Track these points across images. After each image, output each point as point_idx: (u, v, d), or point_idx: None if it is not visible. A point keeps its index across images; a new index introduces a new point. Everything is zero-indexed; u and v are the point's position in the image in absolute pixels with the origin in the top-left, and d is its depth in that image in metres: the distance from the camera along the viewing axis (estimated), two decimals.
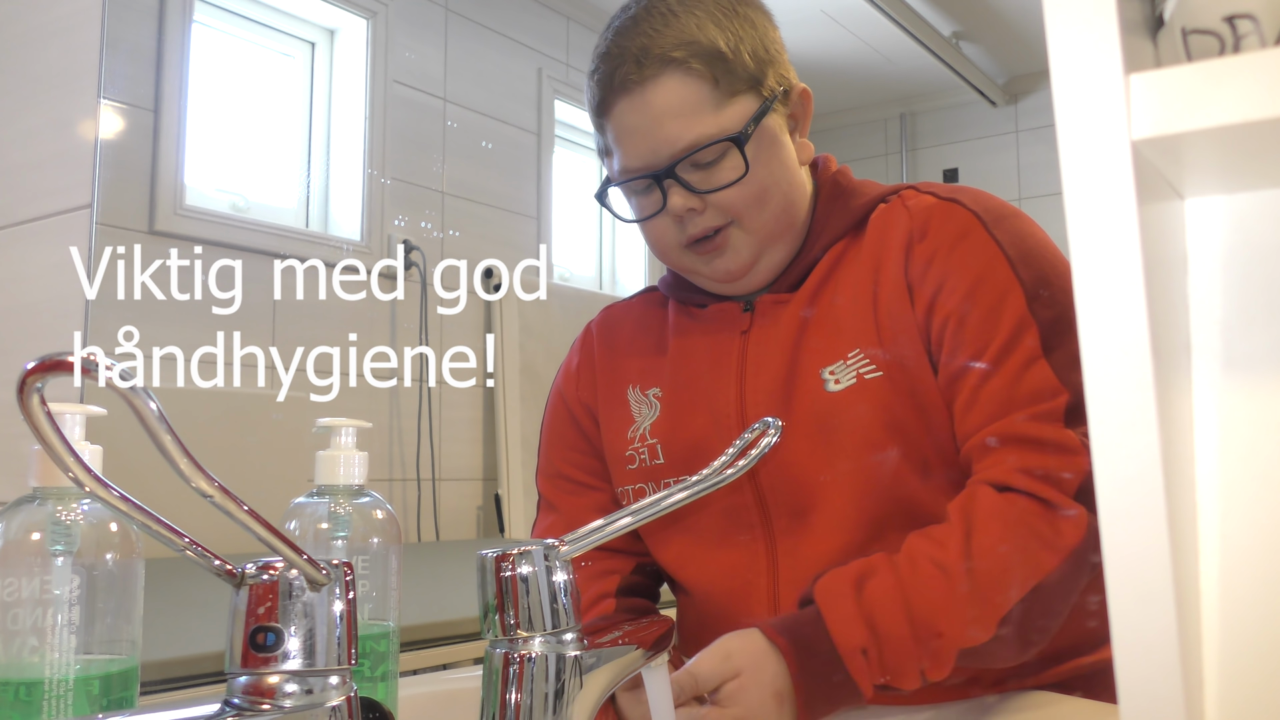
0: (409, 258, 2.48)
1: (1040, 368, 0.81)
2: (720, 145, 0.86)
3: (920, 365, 0.86)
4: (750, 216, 0.89)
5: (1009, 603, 0.76)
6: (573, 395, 1.03)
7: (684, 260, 0.93)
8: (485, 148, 2.73)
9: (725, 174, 0.87)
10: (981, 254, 0.85)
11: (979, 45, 3.39)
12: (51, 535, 0.61)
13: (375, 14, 2.48)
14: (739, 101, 0.88)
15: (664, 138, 0.87)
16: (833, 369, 0.87)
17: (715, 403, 0.92)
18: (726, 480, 0.69)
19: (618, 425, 0.98)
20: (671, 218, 0.89)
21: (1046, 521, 0.78)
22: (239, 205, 2.23)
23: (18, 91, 1.55)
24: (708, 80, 0.86)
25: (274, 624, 0.48)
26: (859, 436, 0.86)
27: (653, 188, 0.89)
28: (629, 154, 0.89)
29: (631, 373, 0.99)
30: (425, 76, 2.59)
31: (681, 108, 0.86)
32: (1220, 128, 0.41)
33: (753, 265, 0.91)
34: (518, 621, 0.61)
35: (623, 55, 0.87)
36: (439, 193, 2.60)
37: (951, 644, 0.76)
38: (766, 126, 0.89)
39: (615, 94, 0.88)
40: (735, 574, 0.92)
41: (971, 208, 0.88)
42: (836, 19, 3.11)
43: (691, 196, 0.88)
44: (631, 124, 0.88)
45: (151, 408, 0.42)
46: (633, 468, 0.96)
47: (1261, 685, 0.50)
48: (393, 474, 2.39)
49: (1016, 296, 0.83)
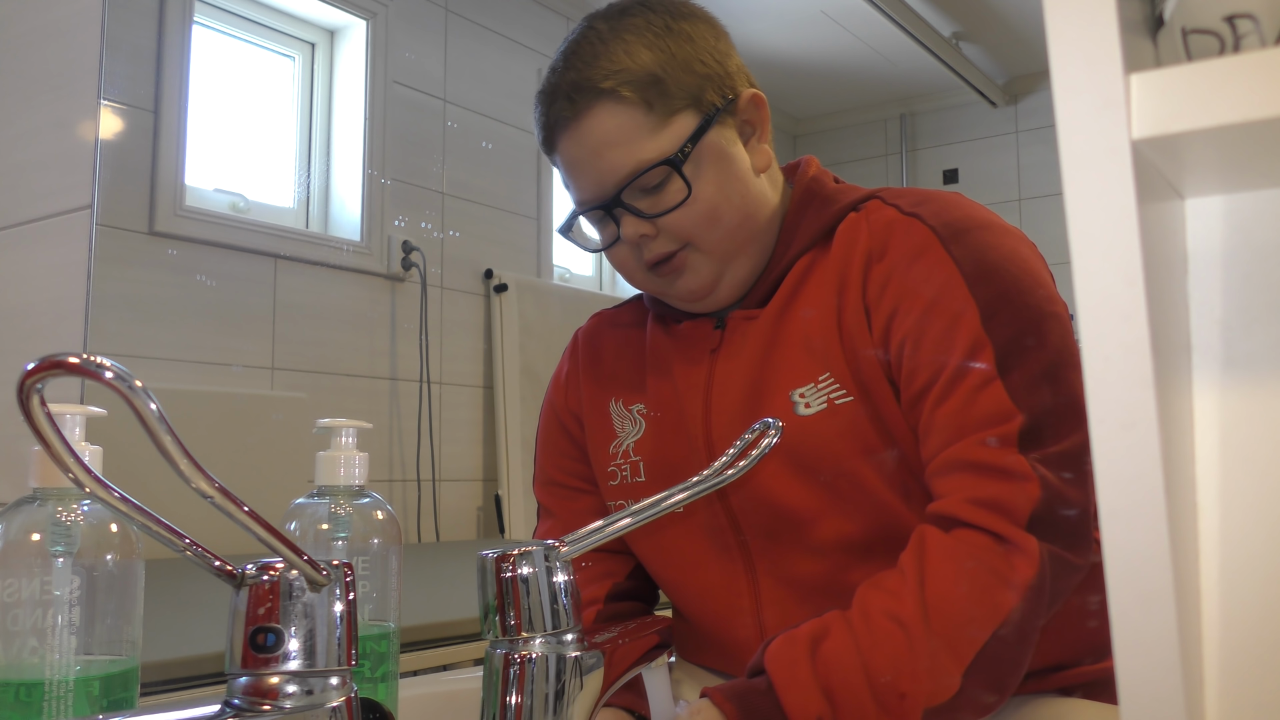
0: (409, 258, 2.47)
1: (994, 390, 0.78)
2: (660, 169, 0.85)
3: (882, 390, 0.83)
4: (702, 237, 0.88)
5: (972, 650, 0.73)
6: (561, 404, 1.03)
7: (650, 283, 0.92)
8: (485, 148, 2.73)
9: (671, 197, 0.86)
10: (936, 273, 0.82)
11: (979, 46, 3.39)
12: (51, 536, 0.61)
13: (375, 15, 2.48)
14: (677, 121, 0.87)
15: (605, 168, 0.86)
16: (803, 391, 0.85)
17: (688, 422, 0.91)
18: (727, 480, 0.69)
19: (600, 438, 0.98)
20: (628, 245, 0.89)
21: (1000, 557, 0.74)
22: (239, 206, 2.23)
23: (18, 92, 1.55)
24: (640, 106, 0.85)
25: (274, 625, 0.48)
26: (832, 462, 0.84)
27: (607, 218, 0.89)
28: (579, 187, 0.90)
29: (613, 386, 0.98)
30: (425, 77, 2.59)
31: (618, 136, 0.86)
32: (1220, 127, 0.41)
33: (716, 283, 0.90)
34: (519, 622, 0.61)
35: (556, 92, 0.88)
36: (439, 193, 2.60)
37: (915, 704, 0.72)
38: (710, 143, 0.87)
39: (555, 131, 0.88)
40: (718, 595, 0.92)
41: (931, 223, 0.84)
42: (836, 19, 3.11)
43: (641, 223, 0.87)
44: (575, 157, 0.88)
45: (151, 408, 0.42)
46: (614, 484, 0.96)
47: (1261, 685, 0.50)
48: (393, 475, 2.39)
49: (971, 316, 0.80)
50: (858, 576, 0.80)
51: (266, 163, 2.34)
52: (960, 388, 0.79)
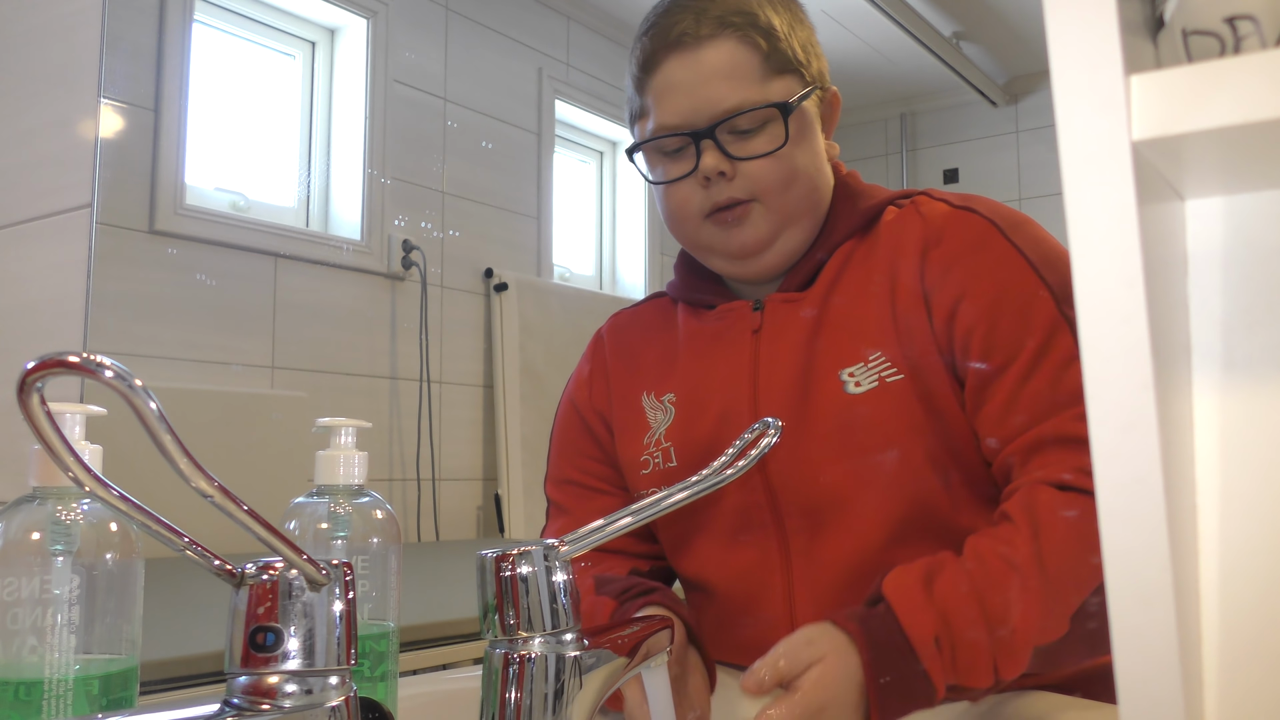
0: (409, 258, 2.47)
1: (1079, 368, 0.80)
2: (764, 112, 0.88)
3: (936, 372, 0.86)
4: (775, 194, 0.90)
5: (1079, 598, 0.75)
6: (585, 402, 1.03)
7: (701, 232, 0.93)
8: (485, 147, 2.73)
9: (761, 144, 0.89)
10: (1004, 261, 0.86)
11: (979, 45, 3.39)
12: (51, 535, 0.61)
13: (375, 13, 2.48)
14: (784, 79, 0.90)
15: (710, 96, 0.88)
16: (852, 370, 0.87)
17: (728, 403, 0.92)
18: (726, 480, 0.69)
19: (633, 432, 0.98)
20: (699, 181, 0.90)
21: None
22: (239, 205, 2.23)
23: (18, 91, 1.55)
24: (760, 51, 0.89)
25: (274, 624, 0.48)
26: (880, 438, 0.86)
27: (686, 150, 0.90)
28: (668, 110, 0.90)
29: (645, 379, 0.99)
30: (425, 76, 2.59)
31: (732, 71, 0.88)
32: (1221, 129, 0.41)
33: (769, 244, 0.92)
34: (518, 622, 0.61)
35: (682, 11, 0.89)
36: (439, 192, 2.60)
37: (1026, 639, 0.74)
38: (806, 110, 0.92)
39: (668, 49, 0.89)
40: (750, 574, 0.92)
41: (987, 215, 0.89)
42: (836, 19, 3.11)
43: (724, 160, 0.89)
44: (678, 79, 0.89)
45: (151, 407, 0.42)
46: (646, 472, 0.96)
47: (1261, 686, 0.50)
48: (393, 474, 2.39)
49: (1045, 299, 0.83)
50: (891, 559, 0.82)
51: (267, 161, 2.34)
52: (1045, 365, 0.81)
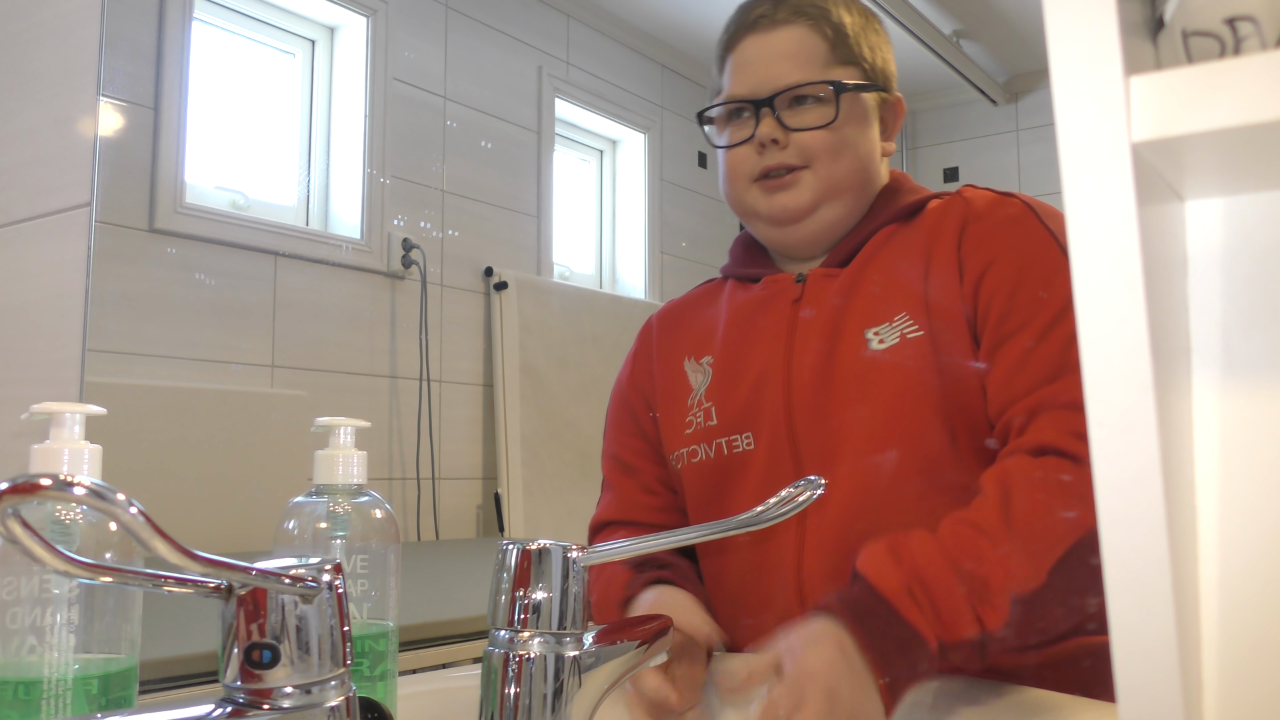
0: (409, 256, 2.47)
1: None
2: (819, 87, 0.97)
3: (958, 330, 0.90)
4: (823, 162, 0.97)
5: (1056, 549, 0.76)
6: (627, 380, 1.11)
7: (748, 195, 1.01)
8: (485, 146, 2.72)
9: (815, 118, 0.98)
10: (1035, 237, 0.91)
11: (980, 44, 3.39)
12: (51, 535, 0.61)
13: (375, 12, 2.48)
14: (847, 69, 0.99)
15: (775, 72, 0.98)
16: (877, 330, 0.93)
17: (764, 364, 0.98)
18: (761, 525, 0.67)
19: (678, 397, 1.04)
20: (755, 147, 0.99)
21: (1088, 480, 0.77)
22: (239, 203, 2.22)
23: (17, 89, 1.55)
24: (827, 42, 0.98)
25: (269, 641, 0.48)
26: (893, 386, 0.90)
27: (747, 118, 0.99)
28: (738, 82, 1.00)
29: (688, 346, 1.06)
30: (425, 74, 2.59)
31: (798, 54, 0.98)
32: (1221, 130, 0.41)
33: (810, 211, 0.99)
34: (524, 620, 0.61)
35: (765, 1, 1.00)
36: (439, 191, 2.59)
37: (1001, 586, 0.75)
38: (863, 99, 1.00)
39: (746, 30, 1.00)
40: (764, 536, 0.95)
41: (1027, 202, 0.95)
42: None
43: (778, 128, 0.97)
44: (751, 56, 1.00)
45: (133, 513, 0.42)
46: (689, 431, 1.02)
47: (1261, 686, 0.50)
48: (392, 473, 2.39)
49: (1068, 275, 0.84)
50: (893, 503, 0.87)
51: (267, 160, 2.34)
52: (1058, 332, 0.85)
